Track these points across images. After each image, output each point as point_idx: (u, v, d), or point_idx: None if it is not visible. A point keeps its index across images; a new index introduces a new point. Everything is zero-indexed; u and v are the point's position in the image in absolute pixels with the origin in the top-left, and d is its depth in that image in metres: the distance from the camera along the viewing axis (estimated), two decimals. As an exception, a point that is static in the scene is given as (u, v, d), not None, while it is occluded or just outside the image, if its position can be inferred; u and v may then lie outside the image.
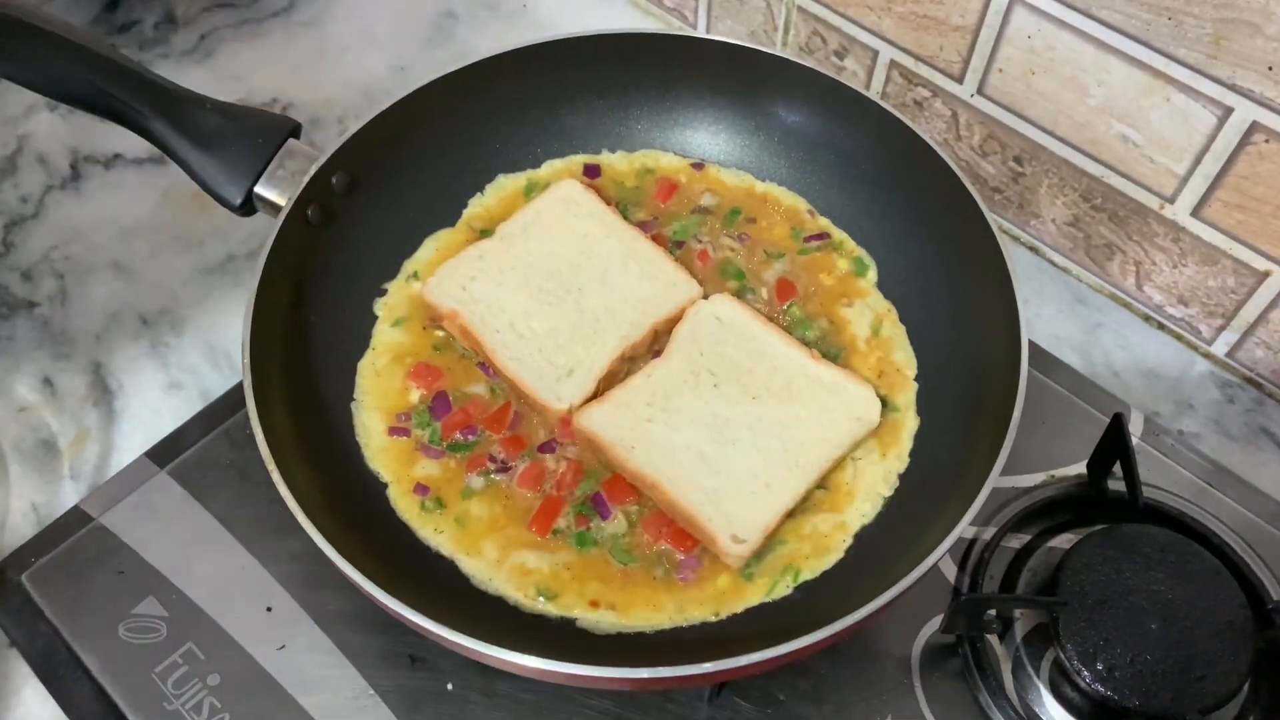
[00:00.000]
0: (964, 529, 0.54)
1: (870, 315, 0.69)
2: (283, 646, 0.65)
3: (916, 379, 0.67)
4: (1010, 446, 0.56)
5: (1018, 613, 0.65)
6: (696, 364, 0.64)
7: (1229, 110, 0.67)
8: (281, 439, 0.59)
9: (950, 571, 0.68)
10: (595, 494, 0.62)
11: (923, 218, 0.70)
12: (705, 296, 0.68)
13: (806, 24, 0.87)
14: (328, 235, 0.67)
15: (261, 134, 0.66)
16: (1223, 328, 0.78)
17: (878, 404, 0.63)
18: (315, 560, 0.54)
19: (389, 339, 0.68)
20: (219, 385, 0.78)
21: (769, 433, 0.61)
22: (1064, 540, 0.68)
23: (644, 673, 0.50)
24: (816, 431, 0.62)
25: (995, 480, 0.55)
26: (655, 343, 0.67)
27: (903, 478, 0.63)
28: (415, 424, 0.65)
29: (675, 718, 0.62)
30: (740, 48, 0.73)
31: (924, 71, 0.81)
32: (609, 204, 0.73)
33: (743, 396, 0.63)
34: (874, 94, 0.71)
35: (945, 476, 0.60)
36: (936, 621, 0.66)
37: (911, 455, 0.64)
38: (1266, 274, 0.73)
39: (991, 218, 0.64)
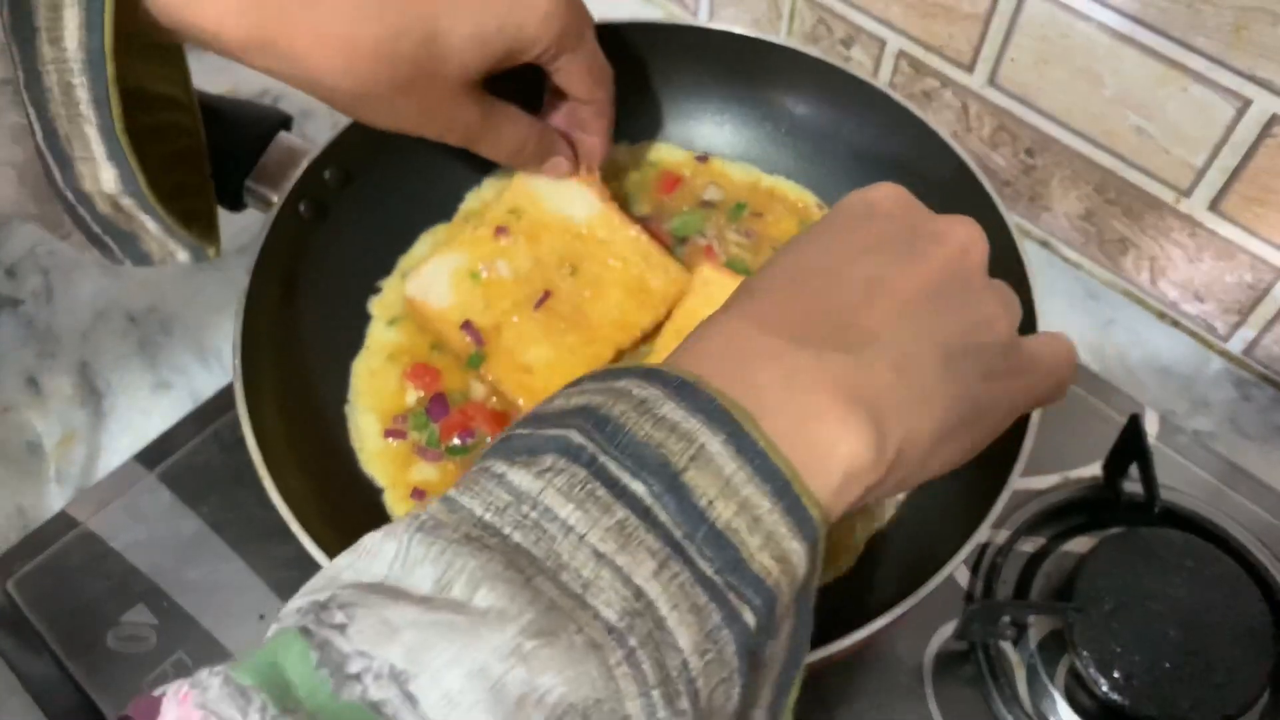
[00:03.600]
0: (981, 536, 0.52)
1: (880, 313, 0.67)
2: (276, 655, 0.63)
3: (929, 379, 0.65)
4: (1029, 451, 0.54)
5: (1032, 618, 0.64)
6: None
7: (1248, 101, 0.65)
8: (273, 442, 0.57)
9: (963, 576, 0.67)
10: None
11: (934, 211, 0.68)
12: None
13: (811, 12, 0.85)
14: (320, 231, 0.66)
15: (251, 127, 0.64)
16: (1239, 324, 0.76)
17: None
18: (309, 567, 0.52)
19: (384, 338, 0.66)
20: (209, 385, 0.76)
21: None
22: (1079, 544, 0.67)
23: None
24: None
25: (1012, 486, 0.53)
26: (644, 342, 0.66)
27: (916, 481, 0.62)
28: (412, 426, 0.63)
29: (681, 728, 0.61)
30: (744, 37, 0.71)
31: (933, 61, 0.80)
32: (611, 198, 0.71)
33: None
34: (882, 84, 0.69)
35: (960, 481, 0.58)
36: (948, 628, 0.65)
37: (924, 458, 0.62)
38: (1285, 269, 0.71)
39: (1005, 213, 0.62)
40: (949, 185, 0.66)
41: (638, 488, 0.32)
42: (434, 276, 0.65)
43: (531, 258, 0.66)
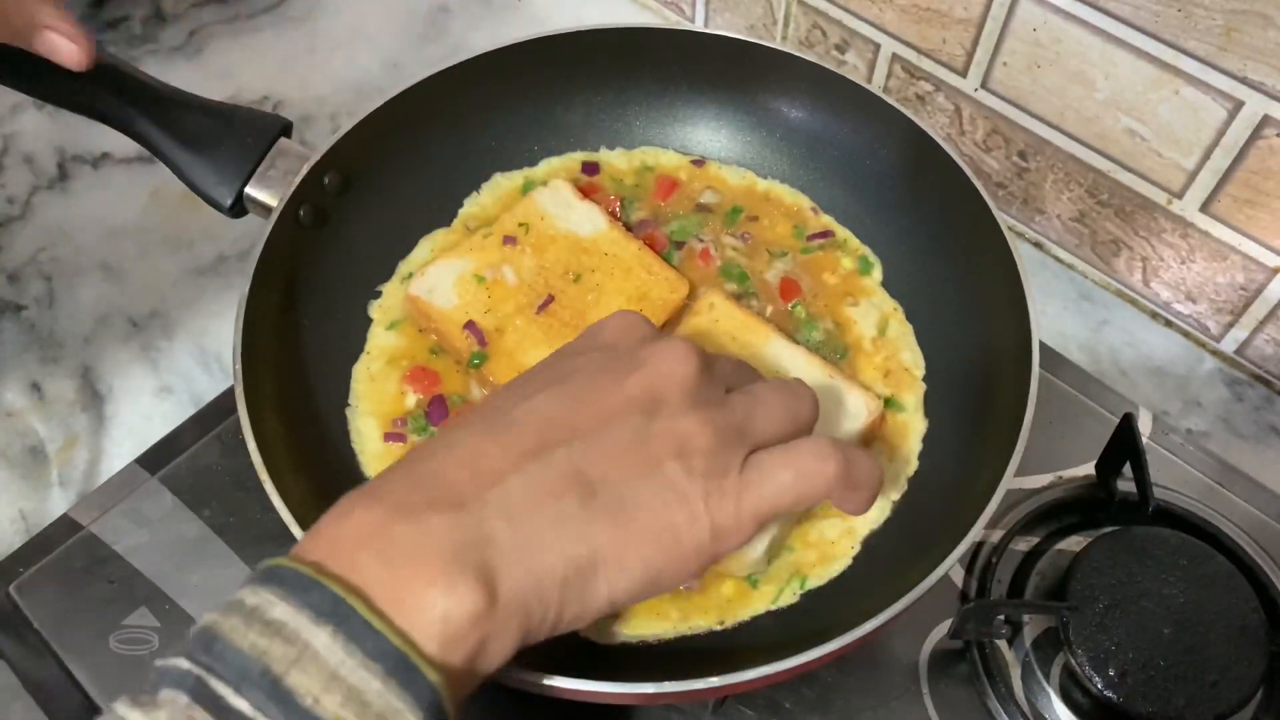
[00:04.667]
0: (976, 535, 0.53)
1: (876, 314, 0.68)
2: (278, 657, 0.64)
3: (924, 379, 0.66)
4: (1023, 450, 0.54)
5: (1027, 617, 0.65)
6: None
7: (1239, 104, 0.66)
8: (274, 446, 0.57)
9: (957, 575, 0.67)
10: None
11: (928, 214, 0.68)
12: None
13: (806, 17, 0.86)
14: (320, 236, 0.66)
15: (252, 133, 0.64)
16: (1231, 324, 0.77)
17: (862, 399, 0.62)
18: (310, 570, 0.53)
19: (384, 342, 0.67)
20: (210, 389, 0.76)
21: None
22: (1073, 543, 0.67)
23: (649, 688, 0.49)
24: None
25: (1007, 485, 0.54)
26: None
27: (911, 482, 0.62)
28: (411, 429, 0.63)
29: (679, 727, 0.61)
30: (739, 42, 0.72)
31: (927, 65, 0.80)
32: (609, 202, 0.71)
33: None
34: (876, 88, 0.70)
35: (954, 480, 0.59)
36: (944, 627, 0.65)
37: (920, 458, 0.63)
38: (1276, 270, 0.71)
39: (999, 215, 0.63)
40: (943, 189, 0.67)
41: (241, 704, 0.35)
42: (439, 278, 0.66)
43: (536, 265, 0.67)
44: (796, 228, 0.71)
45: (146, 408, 0.76)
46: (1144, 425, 0.73)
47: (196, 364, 0.78)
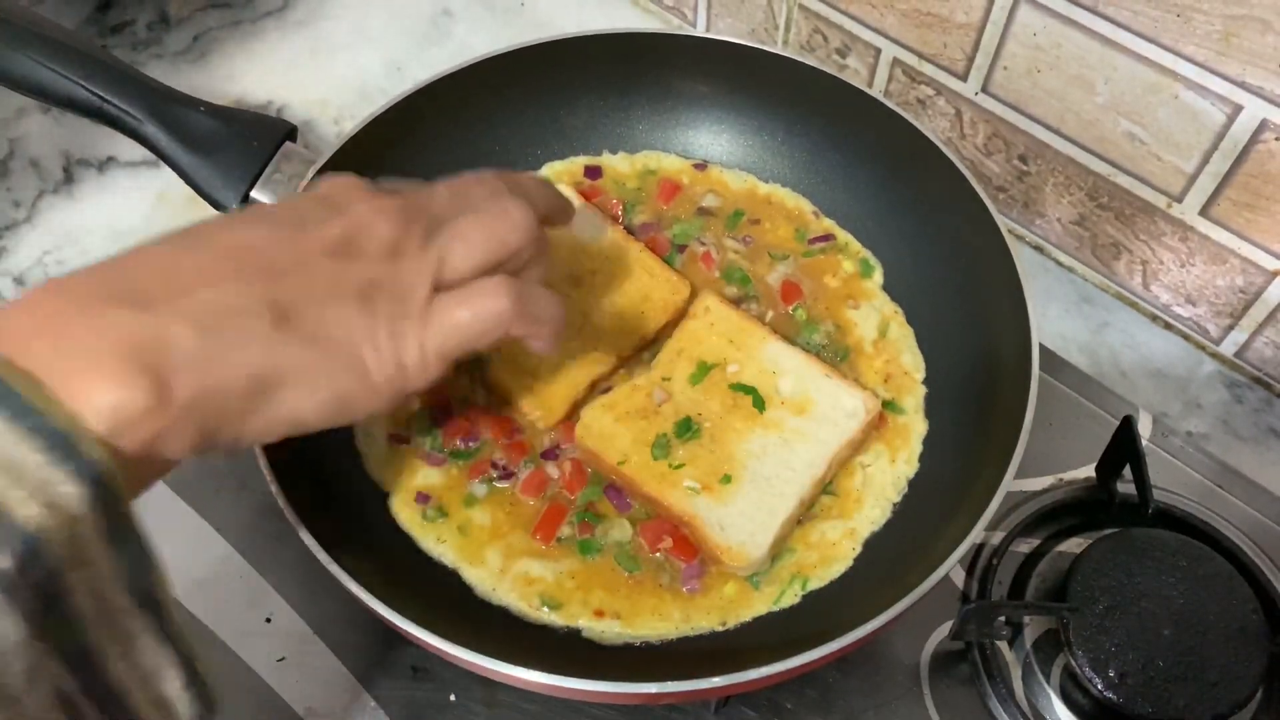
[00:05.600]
0: (976, 537, 0.53)
1: (877, 317, 0.68)
2: (283, 658, 0.64)
3: (925, 382, 0.66)
4: (1022, 453, 0.55)
5: (1027, 618, 0.65)
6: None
7: (1238, 108, 0.66)
8: (278, 447, 0.57)
9: (958, 577, 0.67)
10: (609, 485, 0.62)
11: (929, 218, 0.69)
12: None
13: (808, 22, 0.86)
14: (325, 239, 0.66)
15: (257, 137, 0.65)
16: (1231, 327, 0.77)
17: (859, 398, 0.62)
18: (314, 569, 0.53)
19: (388, 345, 0.67)
20: (215, 392, 0.77)
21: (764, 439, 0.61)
22: (1073, 545, 0.67)
23: (651, 688, 0.50)
24: (809, 432, 0.61)
25: (1007, 487, 0.54)
26: (645, 349, 0.67)
27: (912, 483, 0.63)
28: (416, 431, 0.64)
29: (681, 728, 0.62)
30: (741, 46, 0.72)
31: (927, 69, 0.81)
32: (611, 206, 0.72)
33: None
34: (877, 93, 0.70)
35: (955, 482, 0.60)
36: (945, 628, 0.66)
37: (920, 460, 0.63)
38: (1275, 273, 0.72)
39: (1000, 218, 0.63)
40: (944, 192, 0.67)
41: None
42: None
43: None
44: (798, 231, 0.72)
45: (151, 410, 0.76)
46: (1144, 427, 0.73)
47: (201, 366, 0.79)
